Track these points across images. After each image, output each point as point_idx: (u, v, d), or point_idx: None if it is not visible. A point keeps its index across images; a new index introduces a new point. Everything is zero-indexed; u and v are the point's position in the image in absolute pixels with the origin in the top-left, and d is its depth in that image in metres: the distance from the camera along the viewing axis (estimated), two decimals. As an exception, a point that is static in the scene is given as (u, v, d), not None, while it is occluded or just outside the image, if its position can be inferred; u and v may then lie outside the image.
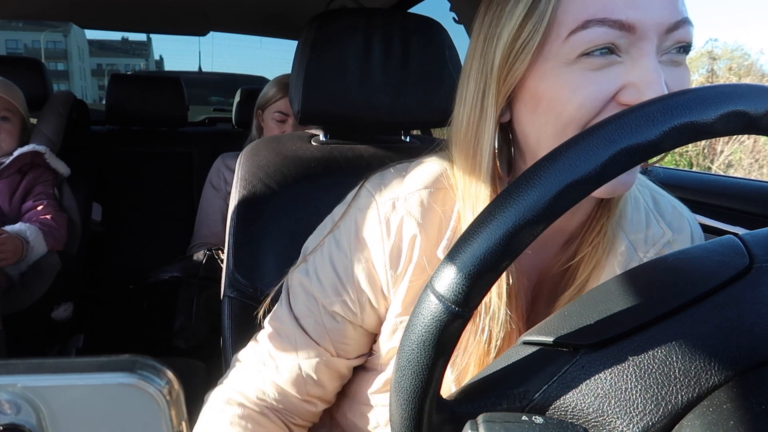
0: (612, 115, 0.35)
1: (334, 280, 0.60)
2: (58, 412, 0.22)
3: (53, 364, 0.22)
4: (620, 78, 0.48)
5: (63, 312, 1.72)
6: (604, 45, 0.47)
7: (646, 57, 0.47)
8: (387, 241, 0.57)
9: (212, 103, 4.21)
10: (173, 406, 0.22)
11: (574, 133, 0.49)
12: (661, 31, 0.47)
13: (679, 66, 0.50)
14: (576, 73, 0.48)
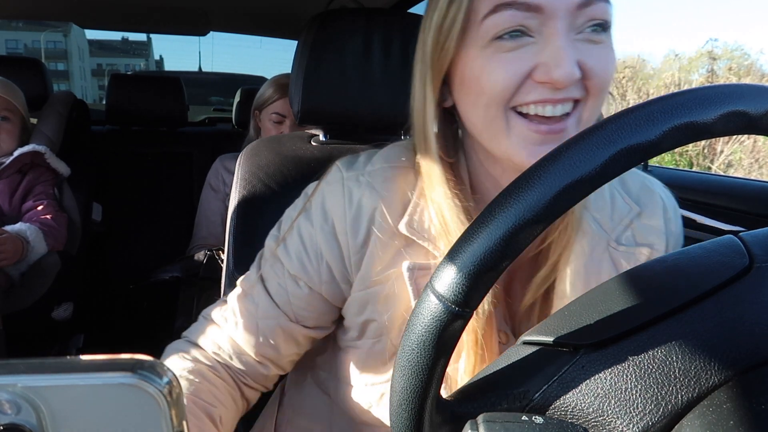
0: (612, 114, 0.35)
1: (299, 246, 0.63)
2: (59, 412, 0.22)
3: (53, 364, 0.22)
4: (533, 58, 0.50)
5: (63, 312, 1.72)
6: (512, 28, 0.49)
7: (555, 36, 0.49)
8: (349, 211, 0.60)
9: (212, 103, 4.21)
10: (173, 406, 0.22)
11: (496, 111, 0.52)
12: (570, 9, 0.49)
13: (597, 44, 0.51)
14: (491, 56, 0.51)
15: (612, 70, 0.53)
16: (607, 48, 0.52)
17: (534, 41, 0.50)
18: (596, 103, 0.53)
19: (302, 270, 0.63)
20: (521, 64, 0.50)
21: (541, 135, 0.51)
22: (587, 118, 0.53)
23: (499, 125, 0.53)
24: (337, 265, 0.62)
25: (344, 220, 0.60)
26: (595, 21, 0.50)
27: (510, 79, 0.50)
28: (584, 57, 0.50)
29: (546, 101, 0.51)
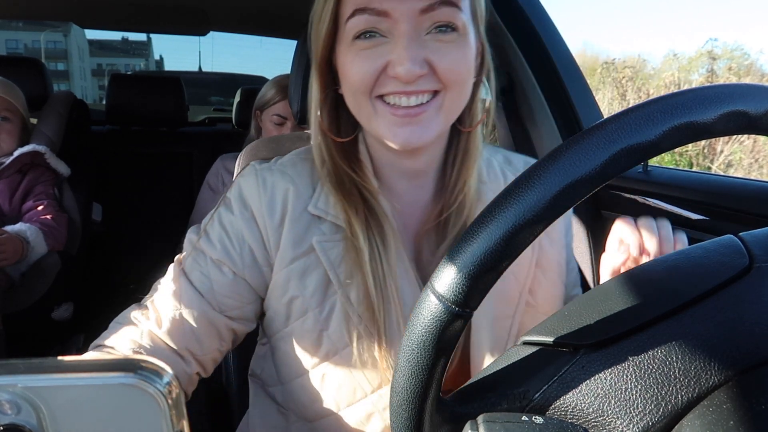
0: (612, 114, 0.35)
1: (222, 234, 0.66)
2: (59, 412, 0.22)
3: (53, 364, 0.22)
4: (386, 55, 0.58)
5: (63, 312, 1.72)
6: (366, 29, 0.59)
7: (401, 38, 0.57)
8: (264, 195, 0.66)
9: (212, 103, 4.20)
10: (173, 406, 0.22)
11: (363, 99, 0.61)
12: (414, 15, 0.57)
13: (446, 43, 0.59)
14: (353, 53, 0.60)
15: (463, 64, 0.60)
16: (457, 46, 0.59)
17: (387, 41, 0.59)
18: (456, 93, 0.61)
19: (225, 254, 0.65)
20: (376, 60, 0.59)
21: (400, 118, 0.59)
22: (449, 106, 0.61)
23: (368, 110, 0.62)
24: (258, 247, 0.65)
25: (260, 203, 0.65)
26: (439, 23, 0.58)
27: (368, 73, 0.59)
28: (431, 54, 0.58)
29: (400, 93, 0.59)
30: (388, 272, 0.62)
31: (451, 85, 0.59)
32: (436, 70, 0.58)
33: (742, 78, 6.12)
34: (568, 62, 1.30)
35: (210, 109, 3.74)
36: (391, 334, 0.61)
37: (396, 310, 0.62)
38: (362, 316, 0.61)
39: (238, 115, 2.47)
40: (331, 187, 0.65)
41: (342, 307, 0.62)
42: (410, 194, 0.68)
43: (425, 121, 0.60)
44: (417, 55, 0.57)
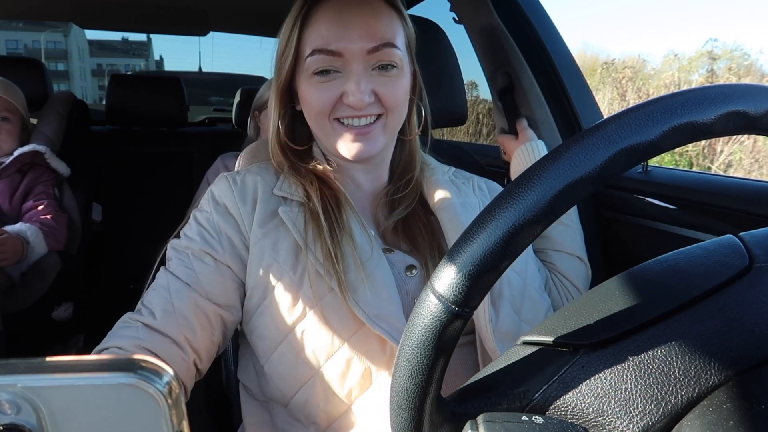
0: (612, 114, 0.35)
1: (198, 228, 0.75)
2: (58, 412, 0.22)
3: (53, 364, 0.22)
4: (341, 87, 0.72)
5: (63, 312, 1.72)
6: (322, 68, 0.72)
7: (352, 73, 0.71)
8: (235, 188, 0.76)
9: (212, 103, 4.20)
10: (173, 406, 0.22)
11: (322, 121, 0.74)
12: (362, 55, 0.71)
13: (388, 77, 0.73)
14: (313, 85, 0.73)
15: (401, 92, 0.75)
16: (396, 78, 0.73)
17: (341, 75, 0.72)
18: (397, 115, 0.76)
19: (205, 244, 0.73)
20: (332, 91, 0.72)
21: (353, 136, 0.73)
22: (390, 125, 0.76)
23: (326, 129, 0.75)
24: (234, 233, 0.74)
25: (233, 196, 0.75)
26: (383, 62, 0.72)
27: (327, 102, 0.72)
28: (377, 86, 0.72)
29: (353, 116, 0.73)
30: (342, 230, 0.73)
31: (392, 109, 0.74)
32: (381, 98, 0.72)
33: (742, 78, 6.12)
34: (568, 62, 1.30)
35: (210, 110, 3.74)
36: (352, 280, 0.69)
37: (354, 260, 0.71)
38: (327, 269, 0.69)
39: (238, 116, 2.47)
40: (290, 177, 0.78)
41: (312, 266, 0.70)
42: (369, 184, 0.83)
43: (373, 138, 0.74)
44: (366, 88, 0.71)
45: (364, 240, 0.74)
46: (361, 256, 0.71)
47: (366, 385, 0.68)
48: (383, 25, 0.72)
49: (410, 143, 0.84)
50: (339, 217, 0.74)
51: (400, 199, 0.81)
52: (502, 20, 1.30)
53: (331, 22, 0.71)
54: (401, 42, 0.74)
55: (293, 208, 0.75)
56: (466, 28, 1.43)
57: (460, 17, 1.44)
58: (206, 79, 4.52)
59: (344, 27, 0.70)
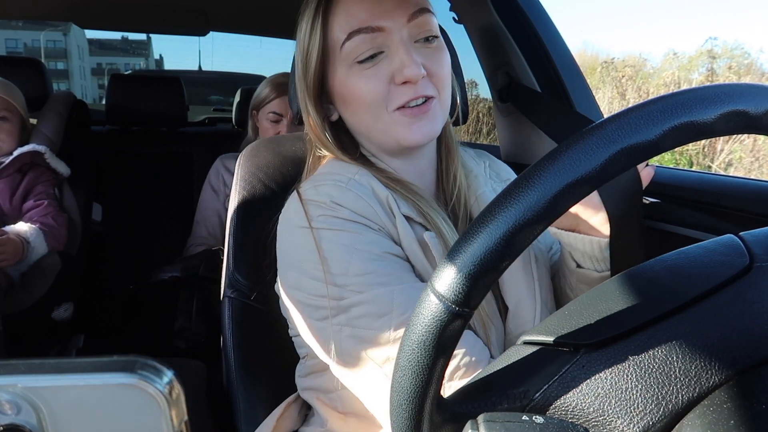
0: (612, 114, 0.35)
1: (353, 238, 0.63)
2: (59, 413, 0.22)
3: (53, 364, 0.22)
4: (389, 67, 0.65)
5: (63, 312, 1.72)
6: (369, 53, 0.65)
7: (398, 47, 0.64)
8: (366, 200, 0.66)
9: (212, 103, 4.20)
10: (173, 406, 0.22)
11: (378, 111, 0.66)
12: (404, 24, 0.65)
13: (431, 49, 0.67)
14: (357, 74, 0.66)
15: (447, 67, 0.69)
16: (441, 50, 0.68)
17: (385, 55, 0.65)
18: (446, 93, 0.69)
19: (384, 247, 0.63)
20: (381, 75, 0.65)
21: (415, 116, 0.66)
22: (444, 105, 0.69)
23: (385, 121, 0.67)
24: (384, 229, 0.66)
25: (369, 207, 0.65)
26: (424, 32, 0.66)
27: (378, 88, 0.65)
28: (425, 60, 0.66)
29: (411, 100, 0.65)
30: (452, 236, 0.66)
31: (442, 87, 0.68)
32: (430, 73, 0.66)
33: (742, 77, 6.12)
34: (567, 62, 1.30)
35: (210, 109, 3.74)
36: None
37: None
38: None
39: (238, 115, 2.47)
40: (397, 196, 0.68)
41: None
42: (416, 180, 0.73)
43: (432, 115, 0.67)
44: (416, 59, 0.64)
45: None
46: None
47: None
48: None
49: (444, 133, 0.75)
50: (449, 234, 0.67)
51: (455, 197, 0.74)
52: (502, 20, 1.30)
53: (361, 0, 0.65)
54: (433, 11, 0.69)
55: (421, 230, 0.66)
56: (466, 28, 1.43)
57: (460, 17, 1.44)
58: (206, 78, 4.52)
59: (377, 1, 0.65)
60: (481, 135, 5.82)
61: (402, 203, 0.68)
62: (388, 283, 0.60)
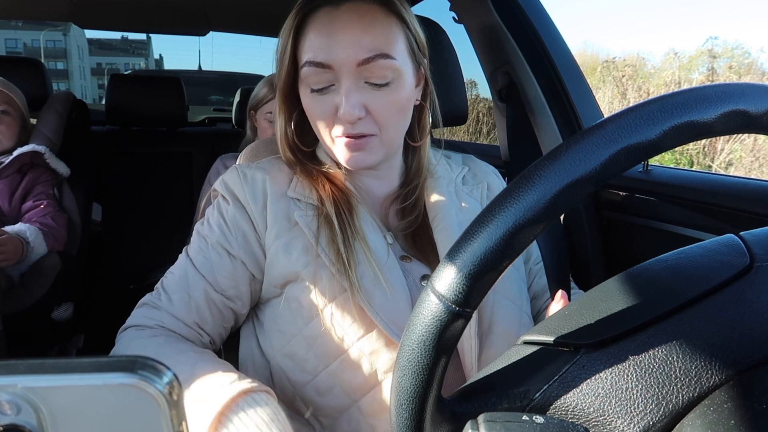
0: (612, 114, 0.35)
1: (219, 220, 0.77)
2: (59, 413, 0.22)
3: (53, 364, 0.22)
4: (334, 99, 0.70)
5: (63, 312, 1.72)
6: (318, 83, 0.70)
7: (342, 86, 0.69)
8: (246, 185, 0.77)
9: (212, 103, 4.20)
10: (174, 406, 0.22)
11: (325, 131, 0.73)
12: (352, 67, 0.68)
13: (381, 90, 0.70)
14: (311, 96, 0.72)
15: (396, 107, 0.71)
16: (390, 93, 0.70)
17: (334, 88, 0.70)
18: (392, 131, 0.73)
19: (222, 237, 0.75)
20: (328, 104, 0.71)
21: (350, 145, 0.71)
22: (387, 141, 0.73)
23: (327, 141, 0.74)
24: (249, 230, 0.75)
25: (244, 192, 0.76)
26: (373, 79, 0.69)
27: (325, 114, 0.71)
28: (369, 101, 0.69)
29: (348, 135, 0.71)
30: (356, 234, 0.72)
31: (385, 126, 0.72)
32: (372, 113, 0.70)
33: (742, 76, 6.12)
34: (568, 61, 1.30)
35: (210, 109, 3.74)
36: (366, 284, 0.70)
37: (371, 266, 0.71)
38: (340, 271, 0.70)
39: (237, 115, 2.47)
40: (303, 178, 0.78)
41: (326, 268, 0.70)
42: (378, 189, 0.82)
43: (368, 150, 0.72)
44: (356, 102, 0.68)
45: (380, 245, 0.74)
46: (377, 261, 0.71)
47: (373, 384, 0.68)
48: (376, 34, 0.68)
49: (420, 148, 0.81)
50: (351, 222, 0.73)
51: (410, 207, 0.80)
52: (502, 20, 1.30)
53: (320, 32, 0.69)
54: (400, 49, 0.71)
55: (307, 212, 0.75)
56: (466, 28, 1.43)
57: (460, 17, 1.44)
58: (206, 78, 4.52)
59: (333, 38, 0.68)
60: (481, 135, 5.82)
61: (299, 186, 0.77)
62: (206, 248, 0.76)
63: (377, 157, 0.74)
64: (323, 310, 0.70)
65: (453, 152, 0.91)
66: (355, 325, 0.69)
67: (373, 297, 0.69)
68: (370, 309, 0.68)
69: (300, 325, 0.72)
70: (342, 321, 0.69)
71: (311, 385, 0.71)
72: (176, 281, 0.77)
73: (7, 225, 1.52)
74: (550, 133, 1.30)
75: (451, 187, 0.82)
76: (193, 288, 0.75)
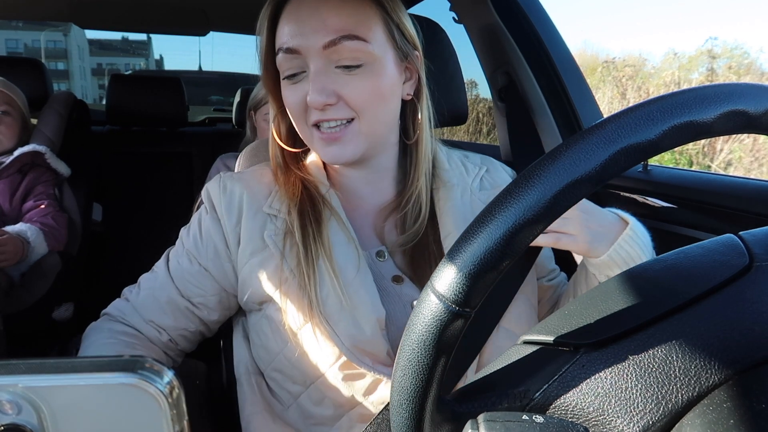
0: (612, 114, 0.35)
1: (196, 228, 0.77)
2: (59, 412, 0.22)
3: (54, 364, 0.22)
4: (306, 87, 0.66)
5: (63, 312, 1.72)
6: (290, 72, 0.68)
7: (311, 71, 0.66)
8: (223, 197, 0.75)
9: (212, 103, 4.20)
10: (174, 406, 0.22)
11: (300, 124, 0.71)
12: (318, 51, 0.65)
13: (352, 75, 0.66)
14: (286, 85, 0.70)
15: (372, 93, 0.67)
16: (364, 77, 0.66)
17: (306, 75, 0.67)
18: (372, 118, 0.68)
19: (194, 247, 0.76)
20: (300, 92, 0.67)
21: (325, 140, 0.68)
22: (366, 130, 0.68)
23: (306, 133, 0.71)
24: (221, 244, 0.74)
25: (221, 205, 0.75)
26: (343, 57, 0.65)
27: (297, 104, 0.68)
28: (339, 86, 0.66)
29: (322, 120, 0.67)
30: (320, 248, 0.68)
31: (363, 111, 0.67)
32: (345, 99, 0.66)
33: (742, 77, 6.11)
34: (567, 61, 1.30)
35: (210, 109, 3.73)
36: (330, 308, 0.66)
37: (333, 284, 0.67)
38: (304, 292, 0.67)
39: (238, 115, 2.47)
40: (281, 188, 0.74)
41: (294, 291, 0.68)
42: (371, 196, 0.77)
43: (346, 142, 0.68)
44: (323, 88, 0.65)
45: (350, 262, 0.69)
46: (343, 281, 0.67)
47: (358, 401, 0.67)
48: (343, 16, 0.65)
49: (415, 149, 0.75)
50: (318, 235, 0.69)
51: (411, 219, 0.74)
52: (502, 20, 1.30)
53: (290, 19, 0.67)
54: (377, 34, 0.67)
55: (278, 229, 0.72)
56: (466, 28, 1.43)
57: (460, 17, 1.44)
58: (206, 78, 4.52)
59: (301, 22, 0.65)
60: (481, 135, 5.82)
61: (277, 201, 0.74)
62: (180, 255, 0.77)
63: (356, 149, 0.69)
64: (297, 333, 0.68)
65: (471, 152, 0.87)
66: (325, 351, 0.66)
67: (338, 323, 0.66)
68: (334, 337, 0.65)
69: (280, 345, 0.70)
70: (313, 346, 0.67)
71: (305, 395, 0.70)
72: (149, 279, 0.79)
73: (7, 225, 1.52)
74: (550, 133, 1.31)
75: (467, 197, 0.76)
76: (159, 289, 0.76)
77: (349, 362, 0.65)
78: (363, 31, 0.65)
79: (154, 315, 0.76)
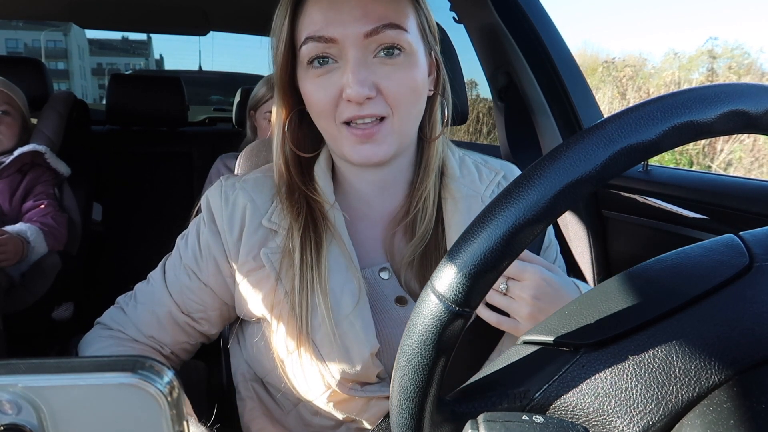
0: (612, 114, 0.35)
1: (194, 241, 0.73)
2: (59, 412, 0.22)
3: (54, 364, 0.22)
4: (340, 80, 0.62)
5: (63, 312, 1.72)
6: (317, 56, 0.62)
7: (349, 62, 0.61)
8: (225, 210, 0.71)
9: (212, 103, 4.20)
10: (173, 406, 0.22)
11: (327, 122, 0.65)
12: (359, 39, 0.61)
13: (392, 66, 0.62)
14: (310, 80, 0.64)
15: (409, 86, 0.63)
16: (403, 68, 0.63)
17: (338, 66, 0.63)
18: (405, 114, 0.64)
19: (194, 262, 0.73)
20: (331, 87, 0.63)
21: (359, 138, 0.63)
22: (399, 128, 0.65)
23: (332, 132, 0.66)
24: (221, 259, 0.71)
25: (222, 218, 0.71)
26: (385, 44, 0.61)
27: (326, 99, 0.63)
28: (379, 78, 0.62)
29: (356, 117, 0.62)
30: (316, 276, 0.65)
31: (398, 107, 0.63)
32: (383, 92, 0.62)
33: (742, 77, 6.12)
34: (568, 62, 1.30)
35: (210, 109, 3.73)
36: (320, 338, 0.64)
37: (324, 315, 0.64)
38: (295, 318, 0.65)
39: (238, 115, 2.47)
40: (284, 200, 0.70)
41: (287, 315, 0.66)
42: (381, 203, 0.73)
43: (380, 140, 0.64)
44: (365, 79, 0.61)
45: (346, 293, 0.66)
46: (336, 315, 0.65)
47: (352, 418, 0.68)
48: (383, 3, 0.62)
49: (429, 149, 0.72)
50: (317, 264, 0.66)
51: (419, 223, 0.71)
52: (502, 20, 1.30)
53: (323, 6, 0.62)
54: (412, 26, 0.64)
55: (278, 246, 0.68)
56: (466, 28, 1.43)
57: (460, 17, 1.44)
58: (206, 78, 4.52)
59: (337, 8, 0.61)
60: (481, 135, 5.82)
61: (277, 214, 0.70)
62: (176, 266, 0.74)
63: (390, 149, 0.65)
64: (290, 355, 0.66)
65: (492, 158, 0.83)
66: (314, 380, 0.65)
67: (329, 354, 0.64)
68: (324, 370, 0.64)
69: (273, 364, 0.70)
70: (302, 373, 0.66)
71: (302, 406, 0.71)
72: (146, 292, 0.76)
73: (7, 225, 1.52)
74: (550, 133, 1.31)
75: (476, 209, 0.72)
76: (158, 305, 0.74)
77: (338, 392, 0.65)
78: (402, 19, 0.62)
79: (153, 331, 0.74)
